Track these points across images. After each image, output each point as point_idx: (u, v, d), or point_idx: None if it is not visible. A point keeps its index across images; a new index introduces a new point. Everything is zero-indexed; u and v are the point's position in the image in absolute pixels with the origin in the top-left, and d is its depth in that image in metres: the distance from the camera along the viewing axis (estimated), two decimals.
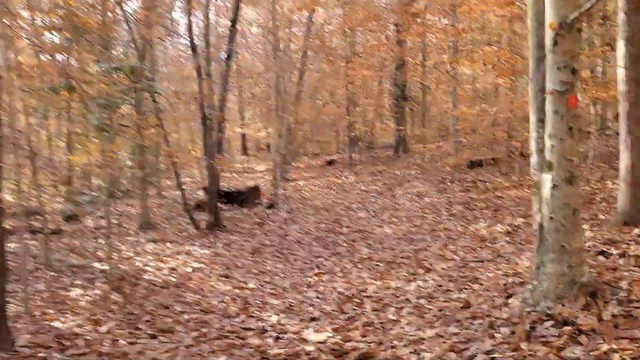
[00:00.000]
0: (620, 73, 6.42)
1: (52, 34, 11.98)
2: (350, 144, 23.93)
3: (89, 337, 5.77)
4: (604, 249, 5.51)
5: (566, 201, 4.19)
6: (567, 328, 3.82)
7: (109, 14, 12.84)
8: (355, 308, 5.72)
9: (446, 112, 15.26)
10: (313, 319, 5.59)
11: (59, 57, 11.83)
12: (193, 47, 12.20)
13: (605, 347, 3.50)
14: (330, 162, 24.16)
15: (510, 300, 4.64)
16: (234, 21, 17.16)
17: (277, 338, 5.18)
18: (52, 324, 6.60)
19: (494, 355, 3.81)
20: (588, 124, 11.73)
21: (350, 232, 10.33)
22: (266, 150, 36.35)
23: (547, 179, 4.26)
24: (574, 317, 3.89)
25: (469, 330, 4.35)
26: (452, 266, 6.54)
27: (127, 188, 20.17)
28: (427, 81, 20.26)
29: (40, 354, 4.99)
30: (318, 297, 6.43)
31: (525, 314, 4.17)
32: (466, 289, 5.56)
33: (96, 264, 9.88)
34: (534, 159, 4.52)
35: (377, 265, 7.47)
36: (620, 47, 6.37)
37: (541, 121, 4.40)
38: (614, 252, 5.39)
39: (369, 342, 4.67)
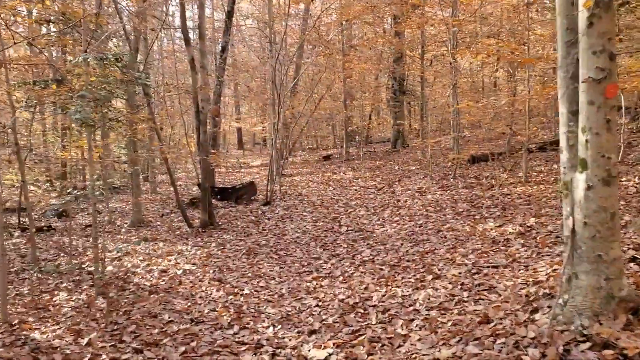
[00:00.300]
0: None
1: (39, 23, 11.45)
2: (347, 139, 23.49)
3: (67, 351, 5.28)
4: (636, 255, 5.01)
5: (603, 204, 3.68)
6: (608, 352, 3.31)
7: (100, 4, 12.35)
8: (360, 319, 5.21)
9: (448, 106, 14.73)
10: (313, 332, 5.08)
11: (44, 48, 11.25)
12: (186, 38, 11.67)
13: None
14: (326, 157, 23.78)
15: (536, 316, 4.13)
16: (230, 13, 16.68)
17: (274, 354, 4.68)
18: (30, 334, 6.11)
19: None
20: None
21: (349, 231, 9.82)
22: (262, 144, 35.97)
23: (580, 179, 3.75)
24: (615, 339, 3.39)
25: (491, 351, 3.83)
26: (463, 272, 6.00)
27: (120, 184, 19.75)
28: (426, 74, 19.75)
29: None
30: (318, 305, 5.92)
31: (557, 333, 3.66)
32: (482, 299, 5.04)
33: (84, 265, 9.41)
34: (564, 156, 3.99)
35: (381, 269, 6.95)
36: None
37: (573, 113, 3.89)
38: None
39: None
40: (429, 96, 19.83)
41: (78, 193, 7.38)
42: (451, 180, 12.72)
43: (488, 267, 6.03)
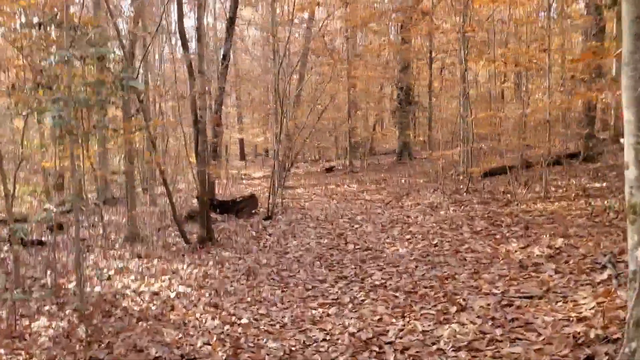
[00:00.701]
0: None
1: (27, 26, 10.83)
2: (351, 150, 22.85)
3: None
4: None
5: None
6: None
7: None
8: None
9: (462, 117, 14.04)
10: None
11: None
12: (183, 42, 11.02)
13: None
14: (329, 169, 23.18)
15: None
16: (232, 19, 16.05)
17: None
18: None
19: None
20: None
21: (357, 249, 9.11)
22: (264, 155, 35.37)
23: None
24: None
25: None
26: (492, 303, 5.26)
27: (117, 196, 19.08)
28: (434, 83, 19.12)
29: None
30: (325, 340, 5.18)
31: None
32: (519, 339, 4.30)
33: (71, 285, 8.71)
34: (631, 173, 3.28)
35: (395, 296, 6.22)
36: None
37: None
38: None
39: None
40: (436, 106, 19.21)
41: (54, 209, 6.67)
42: (464, 194, 12.01)
43: (520, 297, 5.30)
